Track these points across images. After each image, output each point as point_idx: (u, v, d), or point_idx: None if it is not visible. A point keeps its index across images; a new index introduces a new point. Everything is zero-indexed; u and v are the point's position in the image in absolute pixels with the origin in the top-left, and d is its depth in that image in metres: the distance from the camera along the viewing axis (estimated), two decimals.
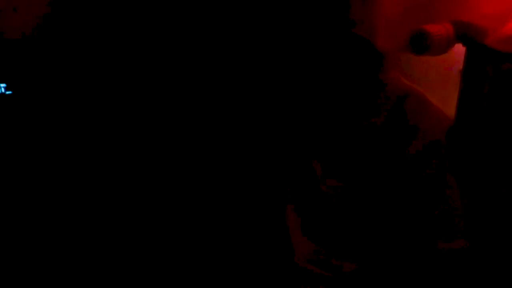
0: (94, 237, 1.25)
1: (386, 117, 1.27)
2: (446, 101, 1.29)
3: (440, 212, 1.27)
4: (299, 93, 1.28)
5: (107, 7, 1.19)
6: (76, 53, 1.21)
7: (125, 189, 1.22)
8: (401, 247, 1.31)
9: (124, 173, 1.22)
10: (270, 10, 1.27)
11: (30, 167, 1.21)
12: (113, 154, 1.21)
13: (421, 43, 1.19)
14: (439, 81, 1.39)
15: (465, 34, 1.19)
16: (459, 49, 1.25)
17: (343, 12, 1.19)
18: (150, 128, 1.25)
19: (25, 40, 1.16)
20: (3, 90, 1.18)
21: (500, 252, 1.23)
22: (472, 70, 1.21)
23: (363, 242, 1.32)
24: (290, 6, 1.21)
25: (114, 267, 1.25)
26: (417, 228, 1.29)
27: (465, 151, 1.23)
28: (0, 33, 1.17)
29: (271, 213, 1.42)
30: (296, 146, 1.34)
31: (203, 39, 1.23)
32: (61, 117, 1.22)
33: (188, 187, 1.34)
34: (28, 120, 1.20)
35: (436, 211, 1.27)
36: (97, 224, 1.24)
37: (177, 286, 1.35)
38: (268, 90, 1.32)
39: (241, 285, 1.42)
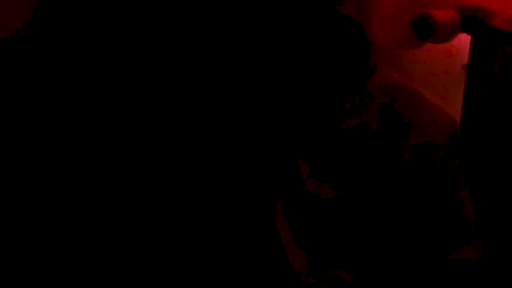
0: (92, 237, 1.22)
1: (371, 117, 1.17)
2: (449, 100, 1.23)
3: (448, 217, 1.19)
4: (278, 84, 1.18)
5: (105, 6, 1.17)
6: (73, 53, 1.20)
7: (118, 188, 1.20)
8: (404, 255, 1.23)
9: (117, 172, 1.20)
10: None
11: (27, 168, 1.20)
12: (110, 153, 1.18)
13: (424, 28, 1.13)
14: (441, 80, 1.33)
15: (470, 18, 1.13)
16: (462, 44, 1.21)
17: None
18: (140, 126, 1.22)
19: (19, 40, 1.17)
20: None
21: None
22: (478, 58, 1.16)
23: (359, 248, 1.24)
24: None
25: (114, 267, 1.22)
26: (421, 235, 1.21)
27: (474, 150, 1.17)
28: None
29: (262, 217, 1.35)
30: (280, 142, 1.23)
31: (185, 26, 1.20)
32: (58, 117, 1.21)
33: (177, 186, 1.27)
34: (25, 120, 1.21)
35: (443, 216, 1.19)
36: (95, 223, 1.21)
37: None
38: (247, 80, 1.23)
39: None
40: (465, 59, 1.18)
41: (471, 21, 1.13)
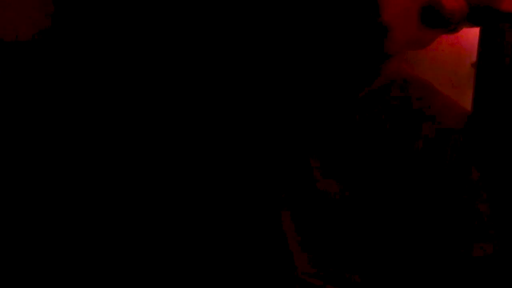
0: (91, 236, 1.22)
1: (385, 108, 1.15)
2: (459, 100, 1.20)
3: (462, 212, 1.13)
4: (290, 78, 1.17)
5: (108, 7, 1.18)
6: (75, 54, 1.21)
7: (122, 187, 1.20)
8: (415, 255, 1.16)
9: (122, 172, 1.20)
10: None
11: (30, 167, 1.20)
12: (114, 153, 1.19)
13: (433, 15, 1.12)
14: (450, 79, 1.31)
15: (478, 7, 1.13)
16: (470, 43, 1.20)
17: None
18: (140, 127, 1.21)
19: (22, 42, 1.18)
20: None
21: None
22: (487, 51, 1.14)
23: (369, 249, 1.17)
24: None
25: (113, 267, 1.22)
26: (434, 233, 1.14)
27: (488, 143, 1.13)
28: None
29: (267, 218, 1.29)
30: (290, 140, 1.21)
31: (188, 24, 1.19)
32: (62, 116, 1.22)
33: (180, 186, 1.24)
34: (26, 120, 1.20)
35: (457, 212, 1.12)
36: (94, 223, 1.21)
37: None
38: (256, 75, 1.22)
39: None
40: (473, 57, 1.17)
41: (480, 10, 1.12)
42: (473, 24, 1.14)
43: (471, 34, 1.20)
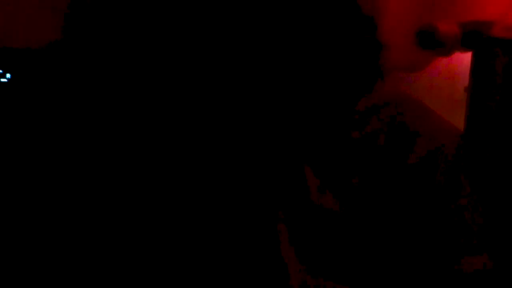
0: (92, 236, 1.25)
1: (380, 127, 1.19)
2: (452, 121, 1.19)
3: (455, 225, 1.08)
4: (287, 89, 1.20)
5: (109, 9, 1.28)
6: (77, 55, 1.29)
7: (118, 189, 1.25)
8: (410, 268, 1.11)
9: (119, 174, 1.25)
10: None
11: (32, 167, 1.27)
12: (113, 154, 1.24)
13: (428, 39, 1.20)
14: (443, 103, 1.25)
15: (471, 32, 1.17)
16: (464, 68, 1.21)
17: None
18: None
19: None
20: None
21: None
22: (479, 73, 1.14)
23: (364, 263, 1.16)
24: None
25: (113, 267, 1.24)
26: (428, 245, 1.09)
27: (480, 158, 1.09)
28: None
29: (262, 229, 1.34)
30: (287, 151, 1.23)
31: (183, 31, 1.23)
32: (61, 117, 1.28)
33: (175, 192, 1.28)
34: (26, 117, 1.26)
35: (450, 224, 1.08)
36: (94, 223, 1.24)
37: None
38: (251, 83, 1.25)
39: None
40: (467, 82, 1.17)
41: (472, 35, 1.17)
42: (465, 48, 1.19)
43: (466, 60, 1.20)
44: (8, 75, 1.34)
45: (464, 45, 1.21)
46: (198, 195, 1.22)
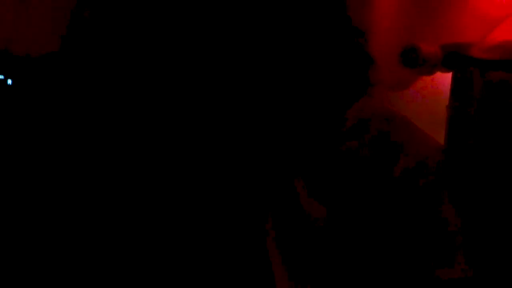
0: (92, 236, 1.24)
1: (366, 141, 1.24)
2: (435, 137, 1.26)
3: (435, 235, 1.14)
4: (277, 101, 1.21)
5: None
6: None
7: (115, 190, 1.24)
8: (395, 278, 1.16)
9: (115, 174, 1.24)
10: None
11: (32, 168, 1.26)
12: (110, 154, 1.24)
13: (411, 57, 1.28)
14: (427, 119, 1.33)
15: (451, 54, 1.25)
16: (446, 87, 1.28)
17: (342, 5, 1.18)
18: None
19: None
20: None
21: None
22: (459, 90, 1.22)
23: (351, 272, 1.21)
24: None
25: (113, 267, 1.22)
26: (411, 255, 1.15)
27: (460, 172, 1.16)
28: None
29: (251, 239, 1.36)
30: (277, 162, 1.25)
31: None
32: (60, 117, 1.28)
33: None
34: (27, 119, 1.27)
35: (431, 235, 1.14)
36: (94, 223, 1.23)
37: None
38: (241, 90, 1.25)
39: None
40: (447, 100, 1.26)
41: (452, 56, 1.25)
42: (446, 68, 1.27)
43: (448, 81, 1.29)
44: (9, 81, 1.36)
45: (445, 65, 1.29)
46: (188, 199, 1.23)
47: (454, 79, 1.27)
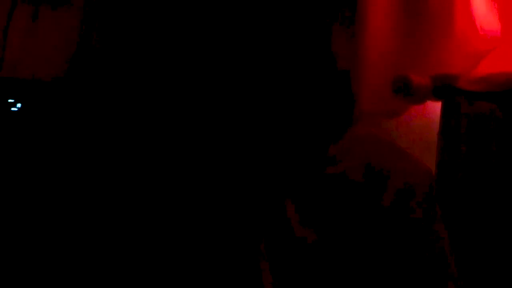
0: (92, 236, 1.23)
1: (353, 166, 1.20)
2: (427, 162, 1.31)
3: (427, 257, 1.19)
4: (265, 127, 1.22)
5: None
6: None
7: (116, 189, 1.24)
8: None
9: (118, 174, 1.24)
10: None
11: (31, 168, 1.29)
12: (112, 154, 1.25)
13: (403, 87, 1.36)
14: (420, 146, 1.39)
15: (441, 85, 1.33)
16: (438, 116, 1.35)
17: (326, 42, 1.21)
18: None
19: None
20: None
21: None
22: (449, 116, 1.30)
23: None
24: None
25: (113, 267, 1.20)
26: (403, 276, 1.20)
27: (451, 196, 1.22)
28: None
29: (245, 262, 1.31)
30: (268, 187, 1.25)
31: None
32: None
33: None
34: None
35: (422, 257, 1.18)
36: (94, 223, 1.23)
37: None
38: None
39: None
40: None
41: (441, 87, 1.33)
42: (436, 98, 1.35)
43: (439, 109, 1.37)
44: (18, 105, 1.44)
45: (435, 95, 1.37)
46: (184, 213, 1.25)
47: (444, 107, 1.35)
